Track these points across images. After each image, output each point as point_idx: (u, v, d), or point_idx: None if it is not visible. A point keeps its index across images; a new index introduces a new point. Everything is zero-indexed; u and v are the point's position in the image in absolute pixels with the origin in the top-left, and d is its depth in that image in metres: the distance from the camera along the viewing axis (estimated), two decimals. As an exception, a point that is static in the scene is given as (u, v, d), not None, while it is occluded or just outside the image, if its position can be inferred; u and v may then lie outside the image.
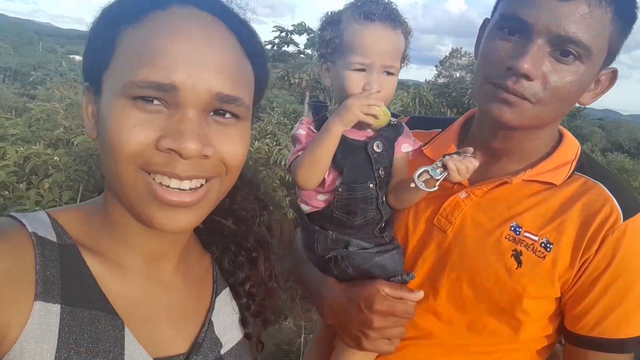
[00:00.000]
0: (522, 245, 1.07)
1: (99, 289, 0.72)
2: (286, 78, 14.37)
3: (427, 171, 1.08)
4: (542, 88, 1.01)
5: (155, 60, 0.65)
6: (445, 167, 1.07)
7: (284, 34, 15.32)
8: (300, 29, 14.75)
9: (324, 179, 1.15)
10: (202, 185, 0.72)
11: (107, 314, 0.71)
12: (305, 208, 1.23)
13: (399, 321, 1.12)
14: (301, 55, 15.70)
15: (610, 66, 1.09)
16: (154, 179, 0.68)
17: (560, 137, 1.19)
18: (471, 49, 1.26)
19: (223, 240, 0.96)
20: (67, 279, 0.69)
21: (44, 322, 0.65)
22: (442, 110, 10.74)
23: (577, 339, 1.08)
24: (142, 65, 0.65)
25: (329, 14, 1.17)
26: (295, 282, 1.32)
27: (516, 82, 1.00)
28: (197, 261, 0.93)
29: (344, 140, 1.13)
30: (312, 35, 14.67)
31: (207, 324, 0.85)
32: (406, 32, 1.15)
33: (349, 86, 1.13)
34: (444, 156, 1.09)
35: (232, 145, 0.72)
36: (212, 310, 0.88)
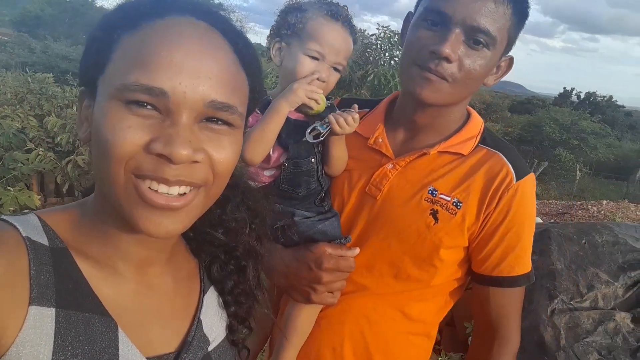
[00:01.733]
0: (438, 205, 1.27)
1: (92, 292, 0.73)
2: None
3: (316, 127, 1.26)
4: (458, 70, 1.20)
5: (148, 64, 0.66)
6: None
7: None
8: None
9: (270, 156, 1.27)
10: (190, 190, 0.72)
11: (101, 316, 0.72)
12: (253, 184, 1.29)
13: (342, 275, 1.30)
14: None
15: (508, 54, 1.31)
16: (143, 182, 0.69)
17: (468, 116, 1.40)
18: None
19: (212, 249, 0.96)
20: (60, 282, 0.69)
21: (39, 326, 0.65)
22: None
23: (481, 278, 1.32)
24: (135, 68, 0.66)
25: (295, 1, 1.29)
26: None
27: (438, 64, 1.18)
28: (184, 262, 0.93)
29: (288, 121, 1.26)
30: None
31: (197, 323, 0.87)
32: (355, 41, 1.32)
33: (300, 68, 1.26)
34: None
35: (222, 152, 0.72)
36: (201, 308, 0.90)
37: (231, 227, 0.95)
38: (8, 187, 4.23)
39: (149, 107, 0.66)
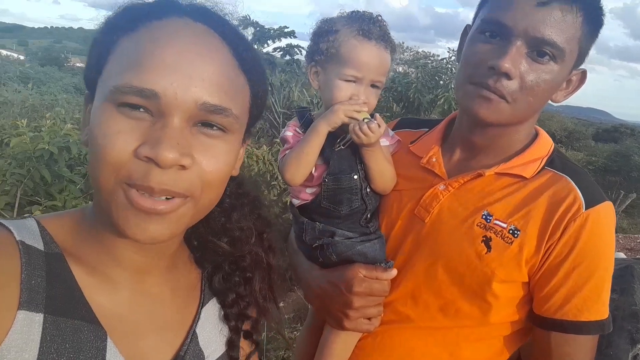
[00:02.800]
0: (491, 231, 1.14)
1: (84, 299, 0.72)
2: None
3: (346, 136, 1.23)
4: (519, 87, 1.08)
5: (140, 65, 0.65)
6: None
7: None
8: (245, 22, 14.53)
9: (312, 174, 1.25)
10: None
11: (90, 324, 0.71)
12: (296, 202, 1.31)
13: (376, 300, 1.21)
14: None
15: (580, 67, 1.17)
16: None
17: (535, 135, 1.26)
18: (412, 43, 1.37)
19: (217, 258, 0.93)
20: (52, 288, 0.69)
21: (26, 331, 0.64)
22: (389, 105, 10.91)
23: (542, 321, 1.15)
24: (128, 70, 0.65)
25: (325, 21, 1.26)
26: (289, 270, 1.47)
27: (497, 81, 1.08)
28: (185, 272, 0.91)
29: (331, 135, 1.23)
30: (258, 29, 14.47)
31: (191, 336, 0.85)
32: (393, 50, 1.26)
33: (338, 94, 1.23)
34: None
35: (213, 161, 0.70)
36: (198, 321, 0.87)
37: (235, 236, 0.92)
38: (90, 202, 4.54)
39: (141, 109, 0.66)
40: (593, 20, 1.10)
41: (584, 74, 1.19)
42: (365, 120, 1.19)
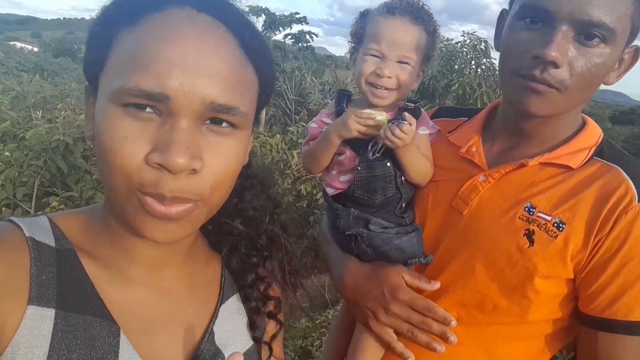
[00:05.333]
0: (534, 224, 1.07)
1: (97, 295, 0.71)
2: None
3: (377, 141, 1.21)
4: (569, 74, 1.00)
5: (147, 66, 0.63)
6: None
7: (239, 15, 14.97)
8: (257, 9, 14.44)
9: (341, 160, 1.27)
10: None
11: (103, 319, 0.70)
12: (330, 191, 1.31)
13: (414, 315, 1.16)
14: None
15: (633, 44, 1.08)
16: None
17: (583, 124, 1.18)
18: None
19: (232, 240, 0.92)
20: (63, 283, 0.68)
21: (36, 326, 0.64)
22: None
23: (589, 320, 1.06)
24: (134, 71, 0.63)
25: (362, 10, 1.29)
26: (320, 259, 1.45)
27: (543, 70, 1.00)
28: (203, 267, 0.89)
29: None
30: (269, 16, 14.37)
31: (208, 334, 0.83)
32: (429, 30, 1.23)
33: (363, 67, 1.22)
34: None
35: (223, 159, 0.69)
36: (215, 318, 0.85)
37: (249, 215, 0.92)
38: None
39: (148, 109, 0.63)
40: None
41: (637, 50, 1.10)
42: (396, 123, 1.16)
